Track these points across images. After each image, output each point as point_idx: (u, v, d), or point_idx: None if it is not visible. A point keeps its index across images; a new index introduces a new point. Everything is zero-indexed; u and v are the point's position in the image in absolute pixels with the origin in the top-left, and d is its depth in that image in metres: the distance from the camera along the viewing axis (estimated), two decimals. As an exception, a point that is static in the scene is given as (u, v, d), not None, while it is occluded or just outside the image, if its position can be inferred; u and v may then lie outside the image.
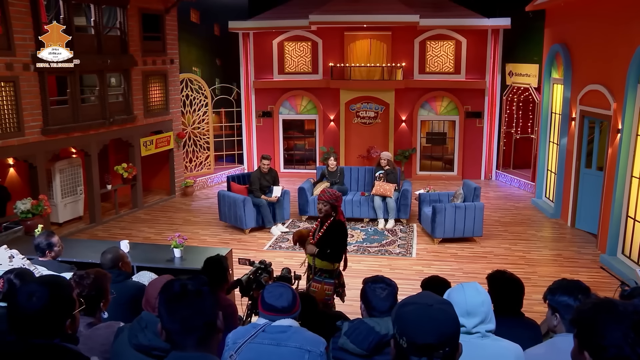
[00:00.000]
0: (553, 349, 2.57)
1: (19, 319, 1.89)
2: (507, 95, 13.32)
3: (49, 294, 1.88)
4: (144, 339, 2.48)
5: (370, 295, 2.80)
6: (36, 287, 1.91)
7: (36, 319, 1.86)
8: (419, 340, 1.57)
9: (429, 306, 1.64)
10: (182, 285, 1.75)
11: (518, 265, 8.29)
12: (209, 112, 13.67)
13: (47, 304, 1.87)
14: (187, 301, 1.72)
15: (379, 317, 2.75)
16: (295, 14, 13.52)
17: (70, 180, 10.33)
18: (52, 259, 4.90)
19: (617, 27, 8.34)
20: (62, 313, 1.92)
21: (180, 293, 1.73)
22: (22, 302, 1.89)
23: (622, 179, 8.02)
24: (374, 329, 2.62)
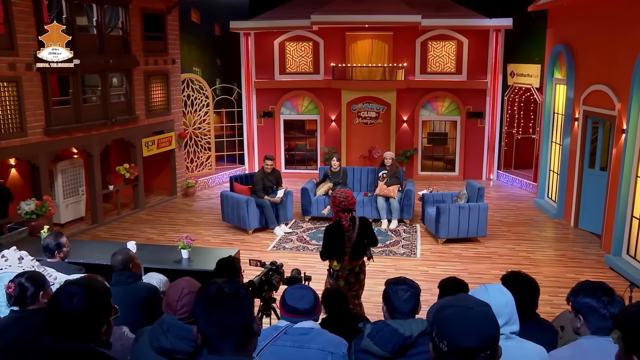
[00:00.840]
0: (579, 352, 2.55)
1: (58, 320, 1.85)
2: (509, 96, 13.33)
3: (89, 297, 1.85)
4: (165, 342, 2.44)
5: (392, 297, 2.78)
6: (77, 289, 1.87)
7: (75, 322, 1.83)
8: (461, 344, 1.55)
9: (469, 309, 1.62)
10: (219, 288, 1.72)
11: (523, 265, 8.28)
12: (210, 113, 13.64)
13: (88, 306, 1.84)
14: (224, 304, 1.70)
15: (401, 318, 2.73)
16: (296, 14, 13.50)
17: (72, 181, 10.29)
18: (61, 260, 4.86)
19: (621, 28, 8.34)
20: (101, 318, 1.90)
21: (217, 296, 1.71)
22: (63, 303, 1.86)
23: (627, 179, 8.02)
24: (397, 331, 2.60)
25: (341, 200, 5.54)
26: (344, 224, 5.54)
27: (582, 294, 2.69)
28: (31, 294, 3.20)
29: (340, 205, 5.54)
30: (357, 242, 5.58)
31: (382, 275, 7.92)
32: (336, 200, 5.58)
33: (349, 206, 5.55)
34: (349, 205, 5.55)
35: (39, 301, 3.23)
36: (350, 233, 5.54)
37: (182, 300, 2.60)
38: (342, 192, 5.63)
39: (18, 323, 3.07)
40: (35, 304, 3.21)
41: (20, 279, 3.23)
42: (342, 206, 5.54)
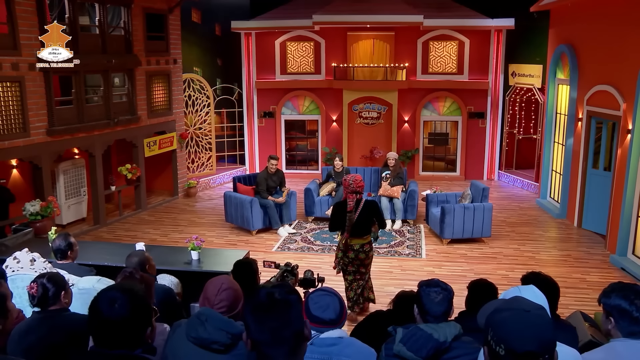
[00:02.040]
0: (613, 355, 2.52)
1: (101, 327, 1.81)
2: (510, 96, 13.34)
3: (130, 301, 1.81)
4: (204, 332, 2.48)
5: (424, 299, 2.74)
6: (117, 293, 1.83)
7: (119, 327, 1.79)
8: (520, 348, 1.53)
9: (527, 312, 1.60)
10: (269, 294, 1.68)
11: (528, 266, 8.27)
12: (211, 113, 13.58)
13: (130, 311, 1.80)
14: (275, 311, 1.66)
15: (433, 321, 2.69)
16: (297, 14, 13.47)
17: (74, 182, 10.22)
18: (72, 261, 4.82)
19: (626, 29, 8.35)
20: (144, 321, 1.85)
21: (267, 303, 1.67)
22: (104, 309, 1.82)
23: (632, 179, 8.03)
24: (432, 336, 2.56)
25: (350, 183, 6.14)
26: (349, 204, 6.12)
27: (614, 295, 2.66)
28: (53, 294, 3.18)
29: (349, 188, 6.14)
30: (358, 222, 6.11)
31: (388, 276, 7.91)
32: (346, 183, 6.20)
33: (357, 189, 6.12)
34: (357, 188, 6.12)
35: (61, 301, 3.21)
36: (352, 214, 6.10)
37: (221, 294, 2.75)
38: (352, 176, 6.25)
39: (41, 324, 3.05)
40: (57, 305, 3.19)
41: (42, 280, 3.22)
42: (351, 189, 6.13)
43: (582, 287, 7.51)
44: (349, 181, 6.17)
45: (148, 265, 4.27)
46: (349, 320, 6.30)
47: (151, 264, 4.34)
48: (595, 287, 7.54)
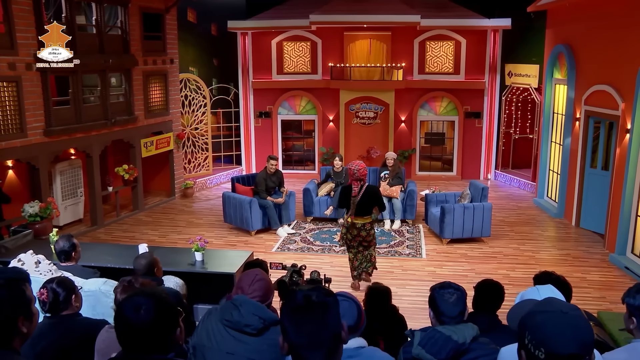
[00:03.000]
0: (635, 354, 2.52)
1: (128, 333, 1.78)
2: (506, 96, 13.38)
3: (156, 306, 1.78)
4: (238, 315, 2.55)
5: (439, 301, 2.72)
6: (142, 299, 1.79)
7: (146, 333, 1.75)
8: (562, 351, 1.51)
9: (565, 314, 1.58)
10: (306, 296, 1.66)
11: (529, 265, 8.31)
12: (207, 113, 13.52)
13: (156, 315, 1.77)
14: (312, 314, 1.64)
15: (449, 323, 2.68)
16: (293, 14, 13.44)
17: (71, 182, 10.14)
18: (75, 262, 4.77)
19: (625, 30, 8.39)
20: (171, 323, 1.82)
21: (304, 305, 1.65)
22: (130, 316, 1.79)
23: (631, 178, 8.07)
24: (451, 337, 2.54)
25: (355, 171, 6.99)
26: (354, 190, 7.02)
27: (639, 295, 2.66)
28: (63, 298, 3.14)
29: (354, 176, 7.01)
30: (359, 204, 6.99)
31: (389, 276, 7.90)
32: (351, 171, 7.04)
33: (360, 176, 7.01)
34: (361, 176, 7.02)
35: (72, 305, 3.17)
36: (355, 198, 6.99)
37: (255, 285, 2.83)
38: (356, 164, 7.05)
39: (53, 329, 3.00)
40: (69, 309, 3.14)
41: (51, 285, 3.17)
42: (355, 177, 7.00)
43: (583, 286, 7.53)
44: (354, 169, 6.98)
45: (156, 268, 4.24)
46: (353, 288, 7.36)
47: (159, 266, 4.31)
48: (596, 286, 7.57)
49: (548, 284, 3.73)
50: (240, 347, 2.57)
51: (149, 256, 4.20)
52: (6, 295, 1.76)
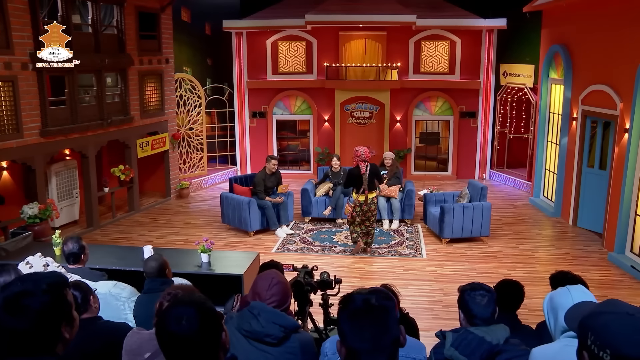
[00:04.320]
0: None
1: (174, 347, 1.70)
2: (501, 96, 13.44)
3: (197, 314, 1.70)
4: (257, 325, 2.51)
5: (470, 304, 2.71)
6: (183, 309, 1.71)
7: (193, 342, 1.68)
8: (631, 353, 1.48)
9: (631, 315, 1.56)
10: (365, 300, 1.62)
11: (529, 264, 8.35)
12: (202, 113, 13.43)
13: (200, 323, 1.69)
14: (373, 318, 1.60)
15: (481, 325, 2.66)
16: (288, 14, 13.41)
17: (66, 183, 10.02)
18: (83, 265, 4.70)
19: (622, 29, 8.45)
20: (217, 328, 1.75)
21: (364, 309, 1.61)
22: (173, 327, 1.70)
23: (630, 177, 8.13)
24: (484, 339, 2.53)
25: (361, 153, 8.25)
26: (362, 169, 8.26)
27: None
28: (82, 301, 3.08)
29: (361, 157, 8.25)
30: (369, 180, 8.28)
31: (391, 276, 7.89)
32: (357, 153, 8.29)
33: (366, 158, 8.27)
34: (367, 158, 8.28)
35: (91, 307, 3.11)
36: (365, 175, 8.25)
37: (272, 289, 2.75)
38: (362, 148, 8.31)
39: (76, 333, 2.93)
40: (88, 312, 3.09)
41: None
42: (362, 158, 8.25)
43: (584, 285, 7.55)
44: (360, 152, 8.27)
45: (167, 270, 4.18)
46: (354, 250, 8.76)
47: (169, 268, 4.25)
48: (596, 284, 7.61)
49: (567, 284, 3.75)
50: (262, 358, 2.55)
51: (159, 258, 4.13)
52: (49, 301, 1.71)
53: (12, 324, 1.67)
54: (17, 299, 1.68)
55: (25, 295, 1.69)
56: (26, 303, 1.68)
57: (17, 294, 1.68)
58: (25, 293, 1.69)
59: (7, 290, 1.71)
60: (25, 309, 1.67)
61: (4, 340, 1.70)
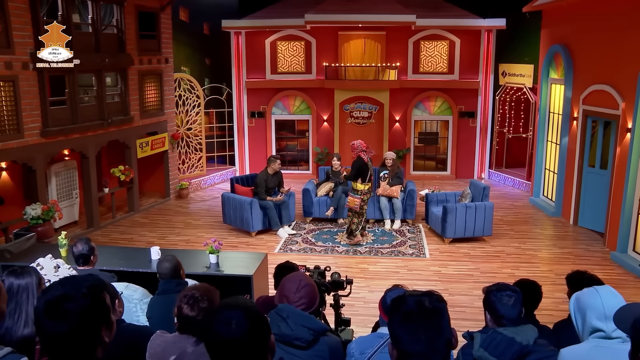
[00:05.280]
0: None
1: (225, 350, 1.67)
2: (500, 95, 13.47)
3: (245, 316, 1.67)
4: (286, 328, 2.50)
5: (497, 304, 2.70)
6: (231, 312, 1.70)
7: (243, 346, 1.65)
8: None
9: None
10: (418, 302, 1.60)
11: (533, 264, 8.37)
12: (201, 113, 13.38)
13: (249, 326, 1.67)
14: (427, 320, 1.58)
15: (509, 325, 2.65)
16: (287, 14, 13.38)
17: (66, 184, 9.94)
18: (93, 266, 4.65)
19: (624, 29, 8.48)
20: (265, 331, 1.73)
21: (417, 311, 1.59)
22: (222, 332, 1.68)
23: (633, 177, 8.15)
24: (514, 339, 2.52)
25: (358, 146, 8.84)
26: (365, 159, 8.80)
27: None
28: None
29: (359, 149, 8.82)
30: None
31: (395, 277, 7.88)
32: (355, 146, 8.88)
33: (364, 149, 8.84)
34: (364, 148, 8.85)
35: (116, 311, 3.06)
36: (369, 164, 8.86)
37: (301, 292, 2.75)
38: (357, 141, 8.97)
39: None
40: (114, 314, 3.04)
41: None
42: (361, 149, 8.82)
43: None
44: (357, 145, 8.88)
45: (182, 271, 4.15)
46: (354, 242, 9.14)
47: (183, 268, 4.22)
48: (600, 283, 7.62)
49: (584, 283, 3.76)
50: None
51: (172, 259, 4.10)
52: (90, 305, 1.68)
53: (54, 328, 1.63)
54: (58, 303, 1.65)
55: (66, 299, 1.66)
56: (67, 307, 1.64)
57: (58, 298, 1.65)
58: (66, 297, 1.66)
59: (47, 294, 1.68)
60: (66, 313, 1.64)
61: (46, 345, 1.67)
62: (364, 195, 8.92)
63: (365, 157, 8.79)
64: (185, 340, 2.74)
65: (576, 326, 2.68)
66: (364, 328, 5.98)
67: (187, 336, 2.77)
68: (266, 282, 5.92)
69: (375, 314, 6.48)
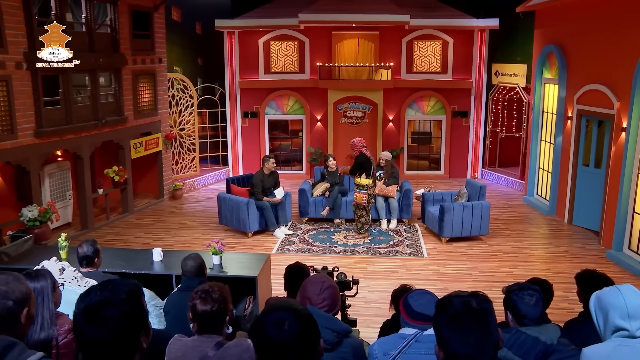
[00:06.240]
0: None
1: (274, 353, 1.65)
2: (493, 95, 13.53)
3: (297, 318, 1.65)
4: None
5: (519, 304, 2.70)
6: (282, 313, 1.67)
7: (294, 348, 1.62)
8: None
9: None
10: (465, 303, 1.59)
11: (530, 262, 8.41)
12: (194, 113, 13.29)
13: (301, 327, 1.65)
14: (475, 321, 1.57)
15: (531, 324, 2.65)
16: (280, 13, 13.35)
17: (60, 185, 9.82)
18: (97, 268, 4.60)
19: (619, 29, 8.55)
20: (316, 334, 1.70)
21: (465, 312, 1.58)
22: (274, 333, 1.65)
23: (628, 176, 8.22)
24: (538, 339, 2.52)
25: (358, 143, 9.26)
26: (367, 154, 9.19)
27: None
28: None
29: (360, 145, 9.22)
30: None
31: (394, 276, 7.88)
32: (355, 144, 9.28)
33: (365, 144, 9.34)
34: (365, 144, 9.34)
35: None
36: (372, 159, 9.25)
37: (324, 293, 2.74)
38: (356, 138, 9.41)
39: None
40: None
41: None
42: (362, 145, 9.25)
43: (586, 282, 7.62)
44: (357, 142, 9.30)
45: (205, 270, 4.19)
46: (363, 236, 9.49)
47: (206, 267, 4.25)
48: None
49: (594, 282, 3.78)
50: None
51: (197, 257, 4.15)
52: (131, 310, 1.65)
53: (94, 333, 1.60)
54: (98, 309, 1.61)
55: (106, 304, 1.62)
56: (107, 313, 1.61)
57: (98, 303, 1.62)
58: (106, 302, 1.63)
59: (86, 299, 1.64)
60: (106, 319, 1.61)
61: (85, 350, 1.64)
62: (370, 190, 9.25)
63: (368, 153, 9.19)
64: (205, 344, 2.71)
65: (597, 325, 2.68)
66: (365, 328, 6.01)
67: (207, 339, 2.74)
68: (269, 283, 5.89)
69: (376, 314, 6.52)
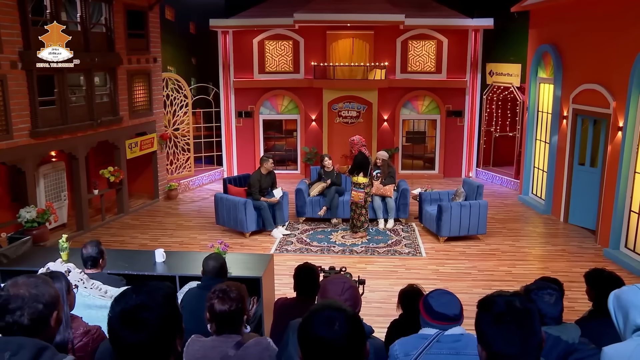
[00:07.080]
0: None
1: (323, 353, 1.61)
2: (487, 95, 13.58)
3: (347, 318, 1.62)
4: None
5: (539, 303, 2.69)
6: (332, 313, 1.64)
7: (344, 348, 1.59)
8: None
9: None
10: (508, 302, 1.58)
11: (528, 261, 8.45)
12: (189, 112, 13.22)
13: (351, 327, 1.62)
14: (520, 321, 1.56)
15: (551, 323, 2.65)
16: (274, 13, 13.30)
17: (55, 186, 9.72)
18: (101, 270, 4.56)
19: (614, 29, 8.61)
20: (363, 342, 1.68)
21: (509, 312, 1.57)
22: (324, 333, 1.62)
23: (624, 175, 8.28)
24: (560, 338, 2.52)
25: (358, 141, 9.31)
26: (367, 153, 9.29)
27: None
28: None
29: (360, 144, 9.28)
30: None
31: (394, 276, 7.89)
32: (355, 142, 9.32)
33: (364, 143, 9.43)
34: (364, 143, 9.45)
35: None
36: (370, 157, 9.34)
37: (345, 294, 2.73)
38: (356, 136, 9.49)
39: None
40: None
41: None
42: (361, 143, 9.31)
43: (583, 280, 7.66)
44: (357, 140, 9.34)
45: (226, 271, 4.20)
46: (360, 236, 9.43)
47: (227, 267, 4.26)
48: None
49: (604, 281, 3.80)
50: None
51: (219, 257, 4.17)
52: (169, 314, 1.62)
53: (131, 338, 1.57)
54: (135, 313, 1.59)
55: (142, 308, 1.60)
56: (144, 317, 1.59)
57: (135, 308, 1.59)
58: (143, 306, 1.60)
59: (122, 303, 1.62)
60: (144, 323, 1.58)
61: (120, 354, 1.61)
62: (367, 188, 9.26)
63: (366, 152, 9.26)
64: (224, 344, 2.68)
65: (617, 324, 2.68)
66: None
67: (227, 339, 2.71)
68: (273, 283, 5.87)
69: (377, 314, 6.51)
